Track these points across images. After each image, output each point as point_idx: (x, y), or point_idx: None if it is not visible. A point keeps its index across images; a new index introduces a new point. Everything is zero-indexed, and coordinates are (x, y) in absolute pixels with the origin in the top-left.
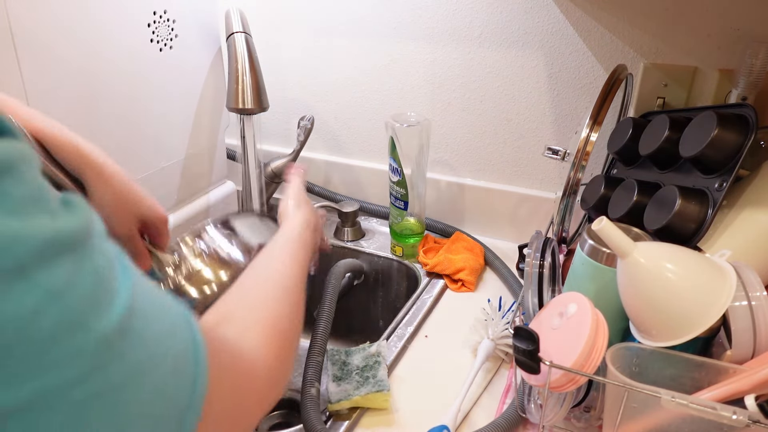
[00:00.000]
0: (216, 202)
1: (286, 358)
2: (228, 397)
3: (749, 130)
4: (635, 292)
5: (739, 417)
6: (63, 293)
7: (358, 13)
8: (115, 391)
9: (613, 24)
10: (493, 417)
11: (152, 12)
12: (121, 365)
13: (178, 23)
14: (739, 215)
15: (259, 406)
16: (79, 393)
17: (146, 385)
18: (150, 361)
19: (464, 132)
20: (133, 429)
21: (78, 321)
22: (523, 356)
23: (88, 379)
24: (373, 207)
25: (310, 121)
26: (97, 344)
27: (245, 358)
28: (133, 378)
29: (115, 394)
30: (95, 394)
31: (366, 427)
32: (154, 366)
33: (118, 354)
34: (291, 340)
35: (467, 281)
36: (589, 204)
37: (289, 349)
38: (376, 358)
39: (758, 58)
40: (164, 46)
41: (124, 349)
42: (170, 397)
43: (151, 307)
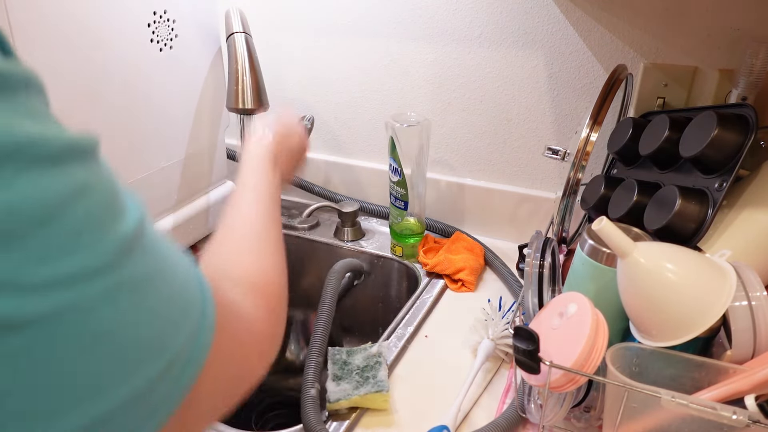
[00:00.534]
0: (216, 202)
1: (279, 312)
2: (230, 351)
3: (749, 130)
4: (635, 292)
5: (739, 417)
6: (88, 189)
7: (358, 12)
8: (129, 292)
9: (613, 24)
10: (493, 417)
11: (152, 12)
12: (137, 269)
13: (178, 23)
14: (739, 215)
15: (260, 362)
16: (111, 277)
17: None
18: (161, 280)
19: (464, 132)
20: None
21: (100, 218)
22: (523, 356)
23: (109, 273)
24: (373, 207)
25: (310, 121)
26: (117, 243)
27: (244, 312)
28: (145, 286)
29: (128, 295)
30: (115, 287)
31: (366, 427)
32: (164, 285)
33: (133, 260)
34: (280, 293)
35: (467, 281)
36: (589, 204)
37: (280, 301)
38: (377, 358)
39: (758, 58)
40: (164, 46)
41: (138, 258)
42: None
43: (159, 242)
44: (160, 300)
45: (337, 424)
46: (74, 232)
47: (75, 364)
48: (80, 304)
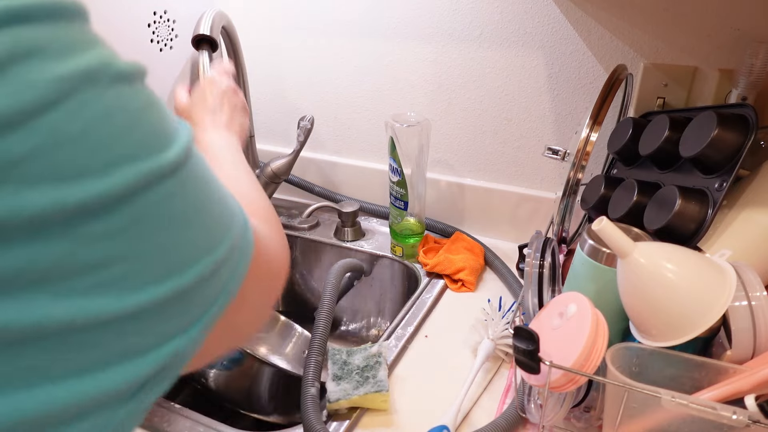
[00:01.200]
0: None
1: (278, 226)
2: (264, 257)
3: (749, 130)
4: (635, 292)
5: (739, 417)
6: (154, 102)
7: (358, 12)
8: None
9: (613, 24)
10: (493, 417)
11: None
12: (198, 166)
13: (178, 23)
14: (739, 215)
15: (283, 271)
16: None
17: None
18: (213, 179)
19: (464, 132)
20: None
21: (169, 124)
22: (523, 356)
23: (183, 166)
24: (373, 207)
25: (310, 121)
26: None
27: (269, 243)
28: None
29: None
30: (187, 177)
31: (366, 427)
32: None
33: (195, 158)
34: (273, 212)
35: (467, 281)
36: (589, 204)
37: (276, 218)
38: (377, 358)
39: (758, 58)
40: (164, 46)
41: (197, 158)
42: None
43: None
44: (217, 193)
45: (337, 424)
46: (155, 134)
47: (158, 239)
48: (167, 191)
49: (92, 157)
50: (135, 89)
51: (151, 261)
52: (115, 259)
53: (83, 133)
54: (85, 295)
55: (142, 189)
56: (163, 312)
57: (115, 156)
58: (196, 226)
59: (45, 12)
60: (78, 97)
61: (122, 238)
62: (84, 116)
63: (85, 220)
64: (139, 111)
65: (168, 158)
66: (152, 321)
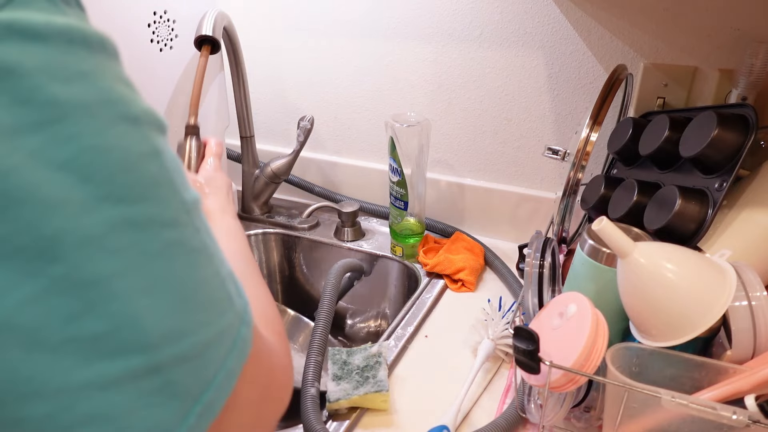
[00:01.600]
0: None
1: (286, 338)
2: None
3: (749, 130)
4: (635, 292)
5: (739, 417)
6: (162, 154)
7: (358, 12)
8: (192, 253)
9: (613, 24)
10: (493, 417)
11: (152, 12)
12: (195, 235)
13: (178, 23)
14: (739, 215)
15: (285, 392)
16: (170, 233)
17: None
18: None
19: (464, 132)
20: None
21: (172, 179)
22: (523, 356)
23: (174, 227)
24: (373, 207)
25: (310, 121)
26: (185, 205)
27: (267, 341)
28: (198, 254)
29: (191, 255)
30: (179, 242)
31: (366, 427)
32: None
33: (194, 226)
34: (280, 319)
35: (467, 281)
36: (589, 204)
37: (282, 327)
38: (377, 358)
39: (758, 58)
40: (164, 46)
41: (196, 227)
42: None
43: (209, 230)
44: (215, 273)
45: (337, 424)
46: (148, 185)
47: (130, 299)
48: (147, 247)
49: (72, 189)
50: (143, 134)
51: (124, 324)
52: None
53: (68, 162)
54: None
55: (122, 233)
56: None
57: (100, 192)
58: (178, 298)
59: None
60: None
61: (93, 287)
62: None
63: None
64: (139, 156)
65: (162, 211)
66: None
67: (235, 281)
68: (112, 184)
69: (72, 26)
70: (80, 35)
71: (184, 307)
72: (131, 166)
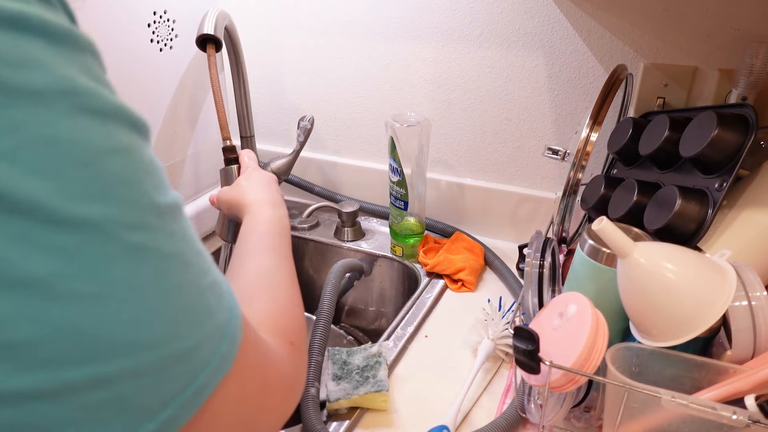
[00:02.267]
0: None
1: (300, 345)
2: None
3: (749, 130)
4: (635, 292)
5: (739, 417)
6: (129, 153)
7: (358, 12)
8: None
9: (613, 24)
10: (493, 417)
11: (152, 12)
12: (165, 243)
13: (178, 23)
14: (739, 215)
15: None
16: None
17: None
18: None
19: (464, 132)
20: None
21: (137, 181)
22: (523, 356)
23: (137, 230)
24: (373, 207)
25: (310, 121)
26: (150, 206)
27: (269, 348)
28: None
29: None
30: (144, 247)
31: (366, 427)
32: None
33: (166, 231)
34: (299, 327)
35: (467, 281)
36: (589, 204)
37: (300, 335)
38: (377, 358)
39: (758, 58)
40: (164, 46)
41: (171, 231)
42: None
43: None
44: (178, 282)
45: (337, 423)
46: (108, 182)
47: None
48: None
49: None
50: (108, 129)
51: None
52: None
53: (10, 152)
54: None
55: (71, 232)
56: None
57: (47, 187)
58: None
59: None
60: (15, 111)
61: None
62: (20, 134)
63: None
64: (100, 152)
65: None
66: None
67: (221, 292)
68: (61, 179)
69: (28, 13)
70: (39, 24)
71: (146, 318)
72: (89, 161)
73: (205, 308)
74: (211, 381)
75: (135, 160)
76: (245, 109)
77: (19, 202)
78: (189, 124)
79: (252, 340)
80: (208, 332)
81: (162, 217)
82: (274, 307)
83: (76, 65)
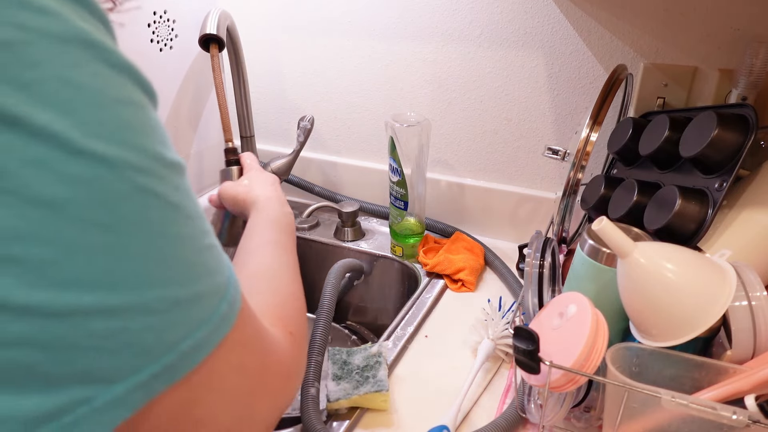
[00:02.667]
0: None
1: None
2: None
3: (749, 130)
4: (635, 292)
5: (739, 417)
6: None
7: (358, 12)
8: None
9: (613, 24)
10: (493, 417)
11: (152, 12)
12: (171, 193)
13: (178, 23)
14: (739, 215)
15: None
16: (143, 179)
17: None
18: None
19: (464, 132)
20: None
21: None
22: (523, 356)
23: (145, 174)
24: (373, 207)
25: (310, 121)
26: (158, 156)
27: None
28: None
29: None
30: (152, 191)
31: (366, 427)
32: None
33: (173, 183)
34: (299, 319)
35: (467, 281)
36: (589, 204)
37: (299, 326)
38: (377, 358)
39: (758, 58)
40: (164, 46)
41: (177, 184)
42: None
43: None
44: (181, 232)
45: (337, 424)
46: (120, 127)
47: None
48: (112, 185)
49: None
50: (122, 81)
51: (77, 256)
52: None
53: (31, 84)
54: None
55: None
56: (77, 333)
57: (63, 121)
58: (145, 246)
59: None
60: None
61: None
62: (40, 70)
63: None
64: (114, 100)
65: (134, 156)
66: (66, 339)
67: (220, 258)
68: (77, 116)
69: None
70: None
71: (151, 257)
72: (102, 104)
73: (204, 265)
74: (211, 337)
75: (144, 115)
76: (245, 109)
77: (38, 129)
78: (190, 124)
79: (251, 317)
80: (207, 288)
81: (168, 168)
82: (276, 300)
83: (90, 24)
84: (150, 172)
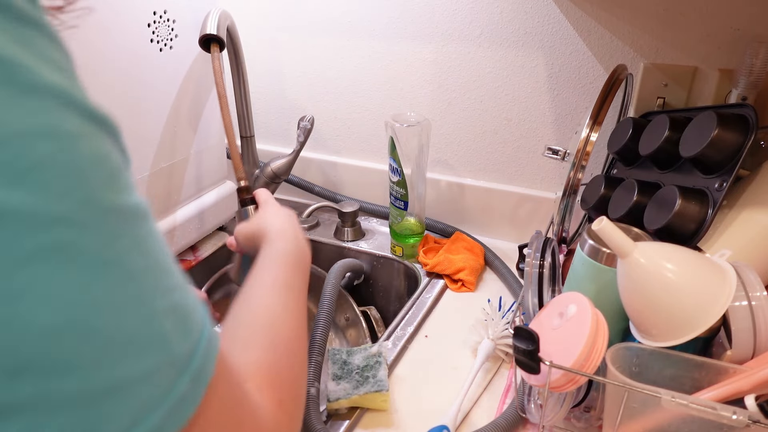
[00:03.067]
0: (216, 202)
1: (289, 403)
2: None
3: (749, 130)
4: (635, 292)
5: (739, 417)
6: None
7: (358, 12)
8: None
9: (613, 24)
10: (493, 417)
11: (152, 12)
12: (104, 248)
13: (178, 23)
14: (739, 215)
15: None
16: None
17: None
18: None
19: (464, 132)
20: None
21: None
22: (523, 356)
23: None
24: (373, 207)
25: (310, 121)
26: (88, 202)
27: (251, 399)
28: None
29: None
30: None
31: (366, 427)
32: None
33: (109, 235)
34: (293, 382)
35: (467, 281)
36: (589, 204)
37: (292, 390)
38: (377, 358)
39: (758, 58)
40: (164, 46)
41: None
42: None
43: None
44: (116, 297)
45: (337, 424)
46: (32, 168)
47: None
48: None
49: None
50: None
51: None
52: None
53: None
54: None
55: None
56: None
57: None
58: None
59: None
60: None
61: None
62: None
63: None
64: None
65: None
66: None
67: (187, 319)
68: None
69: None
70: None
71: (65, 334)
72: (2, 138)
73: (153, 335)
74: (166, 424)
75: (75, 148)
76: (245, 109)
77: None
78: (190, 124)
79: (229, 386)
80: (156, 363)
81: (106, 215)
82: (271, 357)
83: (9, 35)
84: (69, 222)
